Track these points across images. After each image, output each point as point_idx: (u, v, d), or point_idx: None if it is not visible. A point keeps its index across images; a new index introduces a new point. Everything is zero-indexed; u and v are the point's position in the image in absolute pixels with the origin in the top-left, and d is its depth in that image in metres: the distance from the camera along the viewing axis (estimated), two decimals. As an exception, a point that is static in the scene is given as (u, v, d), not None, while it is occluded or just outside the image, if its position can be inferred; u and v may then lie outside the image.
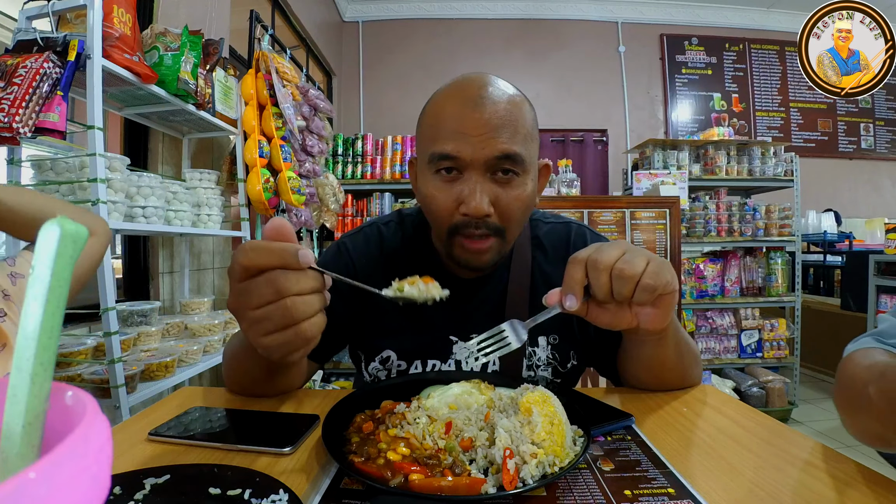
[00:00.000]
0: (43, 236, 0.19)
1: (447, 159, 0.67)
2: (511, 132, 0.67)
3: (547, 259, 0.84)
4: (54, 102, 1.15)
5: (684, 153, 3.34)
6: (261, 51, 2.07)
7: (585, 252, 0.56)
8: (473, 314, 0.80)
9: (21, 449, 0.18)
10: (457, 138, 0.67)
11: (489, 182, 0.68)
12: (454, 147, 0.66)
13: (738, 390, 3.14)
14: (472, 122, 0.66)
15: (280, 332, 0.47)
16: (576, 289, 0.55)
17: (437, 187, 0.70)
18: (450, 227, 0.70)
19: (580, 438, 0.51)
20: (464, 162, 0.67)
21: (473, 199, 0.66)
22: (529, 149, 0.70)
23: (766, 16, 4.73)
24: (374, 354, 0.81)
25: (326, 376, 3.16)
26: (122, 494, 0.40)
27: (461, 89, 0.70)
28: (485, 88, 0.69)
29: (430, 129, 0.71)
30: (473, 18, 4.66)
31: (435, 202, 0.70)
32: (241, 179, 2.01)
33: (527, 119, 0.70)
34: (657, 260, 0.56)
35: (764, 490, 0.43)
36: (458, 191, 0.68)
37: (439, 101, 0.71)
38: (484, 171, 0.67)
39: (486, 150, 0.66)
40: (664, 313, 0.58)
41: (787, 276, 3.29)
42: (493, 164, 0.67)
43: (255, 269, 0.46)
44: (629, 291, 0.54)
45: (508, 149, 0.66)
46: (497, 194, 0.68)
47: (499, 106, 0.68)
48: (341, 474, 0.47)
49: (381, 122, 4.31)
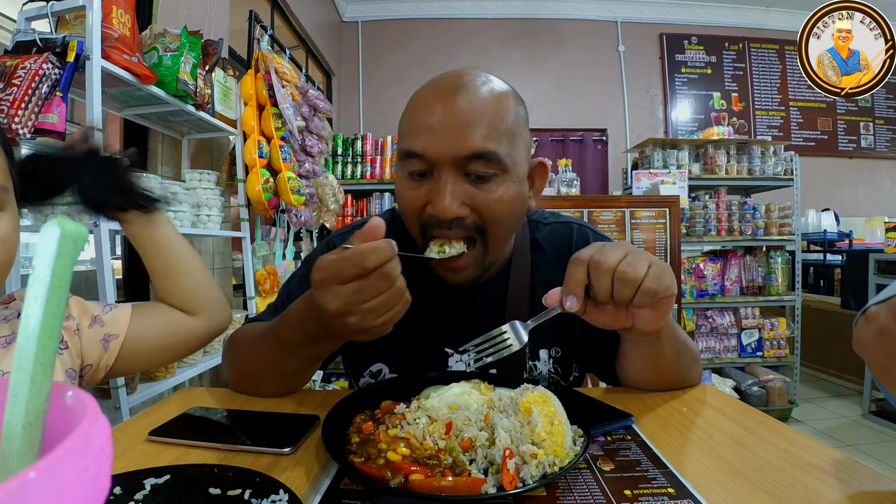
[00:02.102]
0: (43, 236, 0.19)
1: (415, 157, 0.63)
2: (486, 128, 0.62)
3: (547, 263, 0.79)
4: (53, 103, 1.15)
5: (684, 152, 3.34)
6: (260, 51, 2.07)
7: (587, 252, 0.55)
8: (469, 324, 0.73)
9: (21, 449, 0.18)
10: (425, 133, 0.62)
11: (462, 182, 0.63)
12: (422, 143, 0.62)
13: (739, 389, 3.14)
14: (442, 113, 0.62)
15: (393, 309, 0.53)
16: (577, 290, 0.55)
17: (406, 185, 0.66)
18: (420, 226, 0.66)
19: (580, 438, 0.51)
20: (431, 160, 0.62)
21: (441, 199, 0.61)
22: (511, 147, 0.64)
23: (765, 15, 4.73)
24: (365, 368, 0.78)
25: (326, 376, 3.16)
26: (122, 494, 0.40)
27: (437, 82, 0.66)
28: (461, 80, 0.64)
29: (403, 125, 0.68)
30: (473, 18, 4.66)
31: (405, 202, 0.67)
32: (240, 180, 2.01)
33: (508, 115, 0.64)
34: (659, 264, 0.55)
35: (764, 490, 0.43)
36: (427, 189, 0.64)
37: (416, 95, 0.68)
38: (456, 171, 0.62)
39: (454, 147, 0.61)
40: (660, 315, 0.58)
41: (787, 275, 3.29)
42: (463, 163, 0.62)
43: (372, 270, 0.51)
44: (630, 294, 0.53)
45: (482, 147, 0.61)
46: (472, 195, 0.63)
47: (474, 99, 0.63)
48: (341, 474, 0.47)
49: (381, 122, 4.31)
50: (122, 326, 0.66)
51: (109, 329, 0.66)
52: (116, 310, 0.68)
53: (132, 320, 0.67)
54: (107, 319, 0.66)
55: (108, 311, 0.67)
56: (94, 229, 1.20)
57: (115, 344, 0.65)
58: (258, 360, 0.68)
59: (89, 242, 1.21)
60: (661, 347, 0.66)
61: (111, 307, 0.68)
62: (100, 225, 1.20)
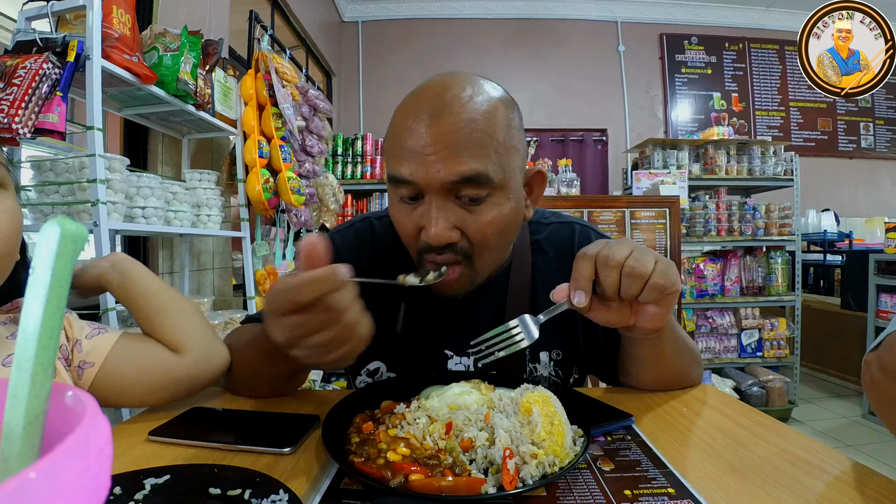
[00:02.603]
0: (43, 236, 0.19)
1: (403, 183, 0.62)
2: (476, 148, 0.59)
3: (549, 265, 0.78)
4: (54, 103, 1.15)
5: (684, 153, 3.34)
6: (260, 51, 2.07)
7: (594, 248, 0.55)
8: (469, 326, 0.73)
9: (21, 449, 0.18)
10: (411, 158, 0.60)
11: (453, 205, 0.61)
12: (408, 170, 0.60)
13: (739, 390, 3.14)
14: (425, 139, 0.59)
15: (342, 346, 0.48)
16: (585, 285, 0.54)
17: (399, 210, 0.65)
18: (418, 251, 0.66)
19: (580, 438, 0.51)
20: (419, 186, 0.61)
21: (431, 226, 0.60)
22: (506, 161, 0.62)
23: (765, 15, 4.73)
24: (362, 366, 0.78)
25: (326, 376, 3.16)
26: (122, 494, 0.40)
27: (417, 99, 0.63)
28: (442, 97, 0.61)
29: (387, 145, 0.66)
30: (473, 18, 4.66)
31: (399, 227, 0.66)
32: (240, 180, 2.01)
33: (499, 128, 0.61)
34: (664, 260, 0.55)
35: (764, 490, 0.43)
36: (419, 214, 0.63)
37: (398, 112, 0.65)
38: (444, 194, 0.60)
39: (441, 173, 0.59)
40: (664, 312, 0.58)
41: (787, 275, 3.29)
42: (452, 188, 0.60)
43: (309, 303, 0.46)
44: (638, 290, 0.53)
45: (470, 171, 0.59)
46: (463, 219, 0.62)
47: (459, 118, 0.59)
48: (341, 474, 0.47)
49: (381, 122, 4.28)
50: (101, 356, 0.61)
51: (86, 356, 0.61)
52: (100, 336, 0.63)
53: (112, 351, 0.62)
54: (86, 346, 0.61)
55: (93, 337, 0.62)
56: (94, 229, 1.20)
57: (89, 373, 0.60)
58: (247, 366, 0.68)
59: (89, 242, 1.21)
60: (663, 346, 0.66)
61: (98, 332, 0.63)
62: (100, 225, 1.20)
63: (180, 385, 0.65)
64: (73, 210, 1.27)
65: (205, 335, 0.68)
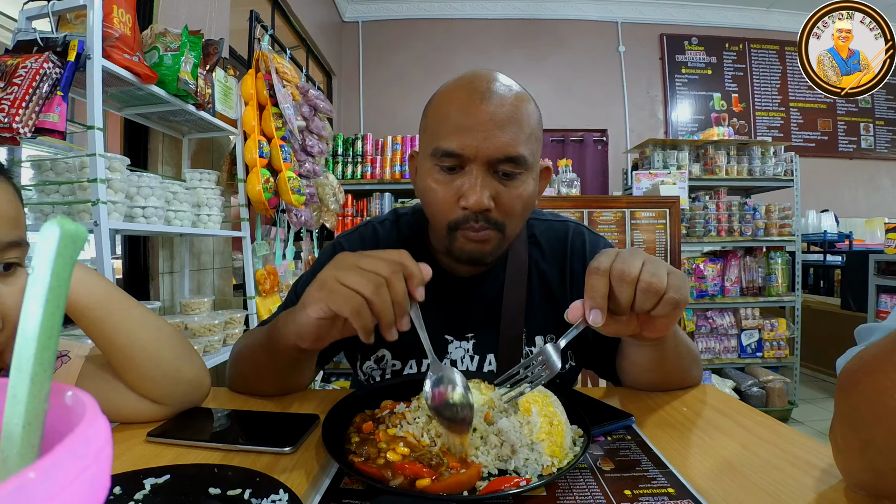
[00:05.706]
0: (43, 236, 0.19)
1: (451, 156, 0.67)
2: (516, 130, 0.67)
3: (543, 257, 0.84)
4: (54, 103, 1.15)
5: (684, 153, 3.34)
6: (261, 51, 2.07)
7: (606, 262, 0.53)
8: (470, 313, 0.80)
9: (21, 449, 0.18)
10: (461, 133, 0.66)
11: (491, 178, 0.68)
12: (458, 143, 0.66)
13: (739, 390, 3.14)
14: (477, 115, 0.66)
15: (386, 314, 0.55)
16: (602, 303, 0.52)
17: (437, 181, 0.70)
18: (450, 223, 0.70)
19: (580, 438, 0.51)
20: (467, 157, 0.67)
21: (474, 193, 0.66)
22: (533, 148, 0.70)
23: (765, 16, 4.72)
24: (370, 353, 0.81)
25: (326, 376, 3.16)
26: (122, 494, 0.40)
27: (469, 82, 0.70)
28: (493, 83, 0.69)
29: (434, 123, 0.71)
30: (473, 18, 4.66)
31: (435, 196, 0.70)
32: (241, 179, 2.01)
33: (532, 118, 0.70)
34: (677, 272, 0.54)
35: (764, 490, 0.43)
36: (459, 185, 0.68)
37: (446, 94, 0.71)
38: (486, 167, 0.67)
39: (489, 148, 0.66)
40: (672, 323, 0.58)
41: (787, 275, 3.29)
42: (494, 163, 0.67)
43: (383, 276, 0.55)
44: (652, 305, 0.52)
45: (513, 151, 0.66)
46: (498, 191, 0.68)
47: (506, 101, 0.67)
48: (341, 474, 0.47)
49: (381, 122, 4.30)
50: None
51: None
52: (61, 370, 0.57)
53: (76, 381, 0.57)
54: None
55: (60, 366, 0.56)
56: (95, 228, 1.20)
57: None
58: (260, 362, 0.70)
59: (89, 242, 1.21)
60: (665, 350, 0.66)
61: (64, 361, 0.57)
62: (100, 224, 1.20)
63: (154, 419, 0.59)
64: (73, 209, 1.27)
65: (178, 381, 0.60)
